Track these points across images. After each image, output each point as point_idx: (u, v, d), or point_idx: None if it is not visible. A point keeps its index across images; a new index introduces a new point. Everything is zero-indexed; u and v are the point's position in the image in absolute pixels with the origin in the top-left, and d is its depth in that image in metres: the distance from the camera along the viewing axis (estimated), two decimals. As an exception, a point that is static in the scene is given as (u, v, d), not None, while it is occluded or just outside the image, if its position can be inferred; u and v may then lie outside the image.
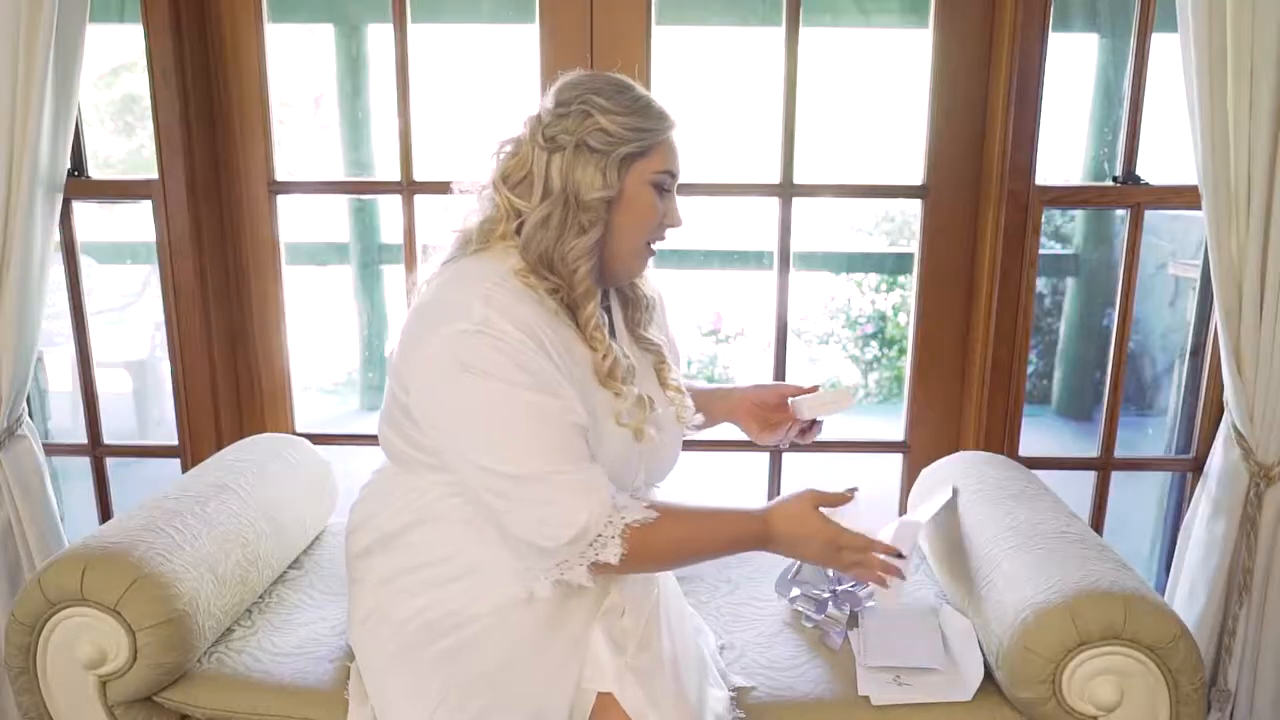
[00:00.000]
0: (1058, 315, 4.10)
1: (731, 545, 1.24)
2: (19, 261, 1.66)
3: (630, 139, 1.20)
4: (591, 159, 1.19)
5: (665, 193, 1.25)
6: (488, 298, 1.15)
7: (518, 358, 1.13)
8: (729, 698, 1.31)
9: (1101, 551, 1.41)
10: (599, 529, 1.13)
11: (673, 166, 1.25)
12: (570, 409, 1.15)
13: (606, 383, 1.22)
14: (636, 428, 1.23)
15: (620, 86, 1.23)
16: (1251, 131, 1.55)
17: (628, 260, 1.27)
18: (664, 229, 1.28)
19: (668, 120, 1.24)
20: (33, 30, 1.57)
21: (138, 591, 1.30)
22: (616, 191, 1.21)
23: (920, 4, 1.89)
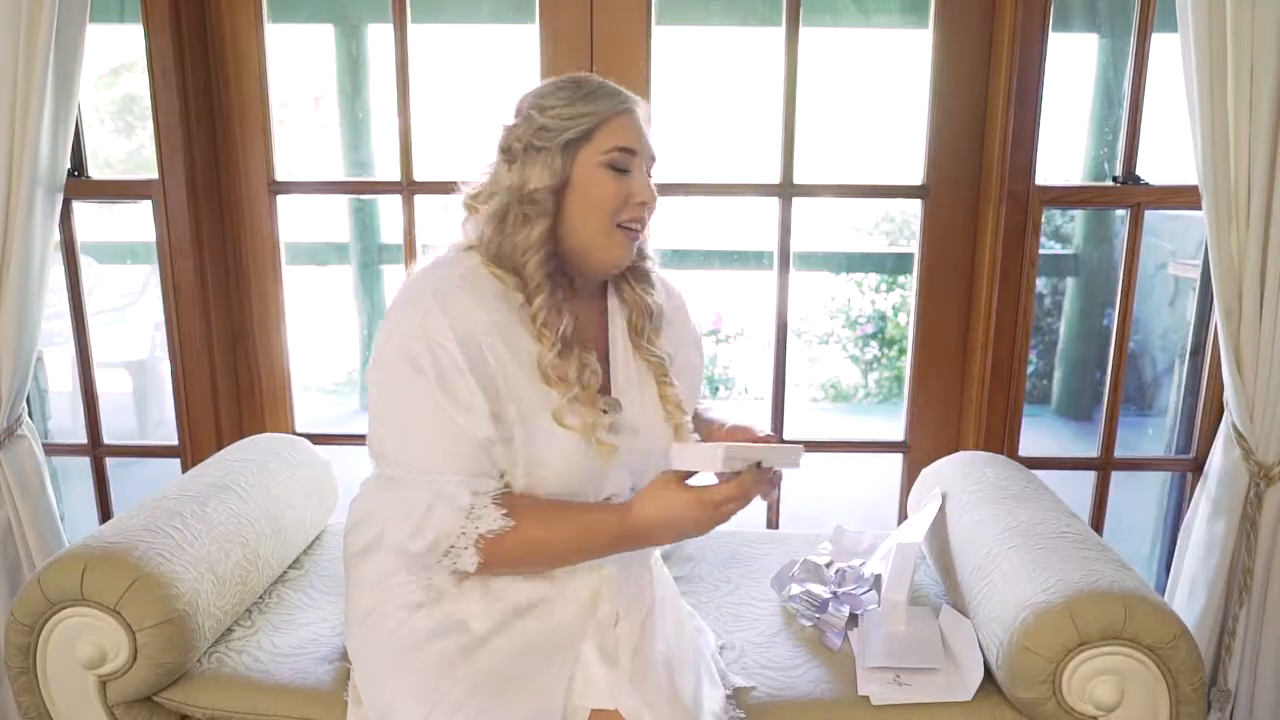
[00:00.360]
0: (1058, 315, 4.10)
1: (598, 546, 1.21)
2: (19, 262, 1.66)
3: (569, 126, 1.20)
4: (539, 156, 1.21)
5: (624, 171, 1.23)
6: (438, 290, 1.18)
7: (439, 357, 1.15)
8: (725, 697, 1.31)
9: (1101, 551, 1.41)
10: (450, 540, 1.16)
11: (627, 142, 1.22)
12: (474, 421, 1.16)
13: (547, 378, 1.21)
14: (585, 430, 1.20)
15: (564, 84, 1.24)
16: (1251, 131, 1.55)
17: (599, 245, 1.24)
18: (635, 207, 1.24)
19: (615, 100, 1.23)
20: (33, 30, 1.57)
21: (138, 591, 1.30)
22: (563, 180, 1.21)
23: (920, 4, 1.89)
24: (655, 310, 1.34)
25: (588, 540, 1.21)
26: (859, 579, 1.59)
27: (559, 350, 1.20)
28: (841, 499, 3.31)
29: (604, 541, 1.21)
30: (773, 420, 2.03)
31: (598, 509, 1.22)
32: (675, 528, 1.17)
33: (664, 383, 1.32)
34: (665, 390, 1.32)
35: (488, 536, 1.16)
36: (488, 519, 1.16)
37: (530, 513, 1.19)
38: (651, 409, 1.31)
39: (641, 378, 1.32)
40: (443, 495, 1.16)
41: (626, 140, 1.22)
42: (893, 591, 1.49)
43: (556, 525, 1.20)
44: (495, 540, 1.16)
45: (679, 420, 1.31)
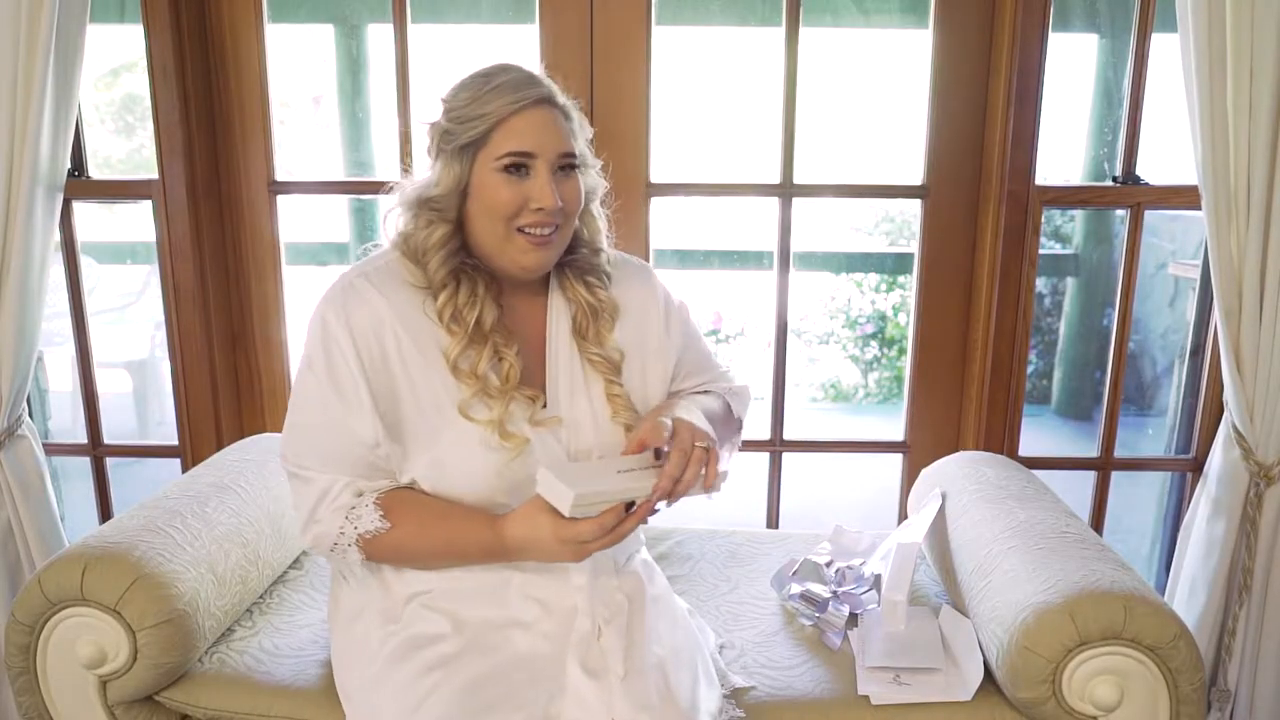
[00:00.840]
0: (1058, 315, 4.10)
1: (470, 554, 1.21)
2: (19, 262, 1.66)
3: (465, 130, 1.17)
4: (444, 158, 1.20)
5: (520, 176, 1.18)
6: (349, 284, 1.21)
7: (331, 352, 1.18)
8: (724, 697, 1.30)
9: (1101, 551, 1.41)
10: (333, 539, 1.20)
11: (520, 146, 1.17)
12: (359, 420, 1.18)
13: (456, 372, 1.20)
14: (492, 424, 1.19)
15: (472, 80, 1.20)
16: (1251, 131, 1.55)
17: (500, 250, 1.21)
18: (533, 213, 1.18)
19: (512, 98, 1.16)
20: (33, 30, 1.57)
21: (138, 591, 1.30)
22: (463, 184, 1.19)
23: (920, 4, 1.89)
24: (602, 308, 1.30)
25: (458, 547, 1.21)
26: (859, 579, 1.59)
27: (465, 344, 1.20)
28: (841, 499, 3.31)
29: (475, 551, 1.20)
30: (773, 420, 2.03)
31: (473, 518, 1.20)
32: (541, 553, 1.15)
33: (610, 381, 1.29)
34: (611, 389, 1.29)
35: (365, 536, 1.19)
36: (365, 520, 1.19)
37: (407, 515, 1.20)
38: (595, 407, 1.28)
39: (585, 376, 1.29)
40: (327, 494, 1.20)
41: (520, 144, 1.17)
42: (893, 591, 1.49)
43: (429, 529, 1.20)
44: (371, 541, 1.19)
45: (628, 420, 1.28)
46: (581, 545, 1.12)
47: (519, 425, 1.21)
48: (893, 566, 1.53)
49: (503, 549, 1.18)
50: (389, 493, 1.22)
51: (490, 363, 1.21)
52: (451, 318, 1.20)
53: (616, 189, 1.88)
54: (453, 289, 1.21)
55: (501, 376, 1.21)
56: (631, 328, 1.34)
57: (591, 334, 1.29)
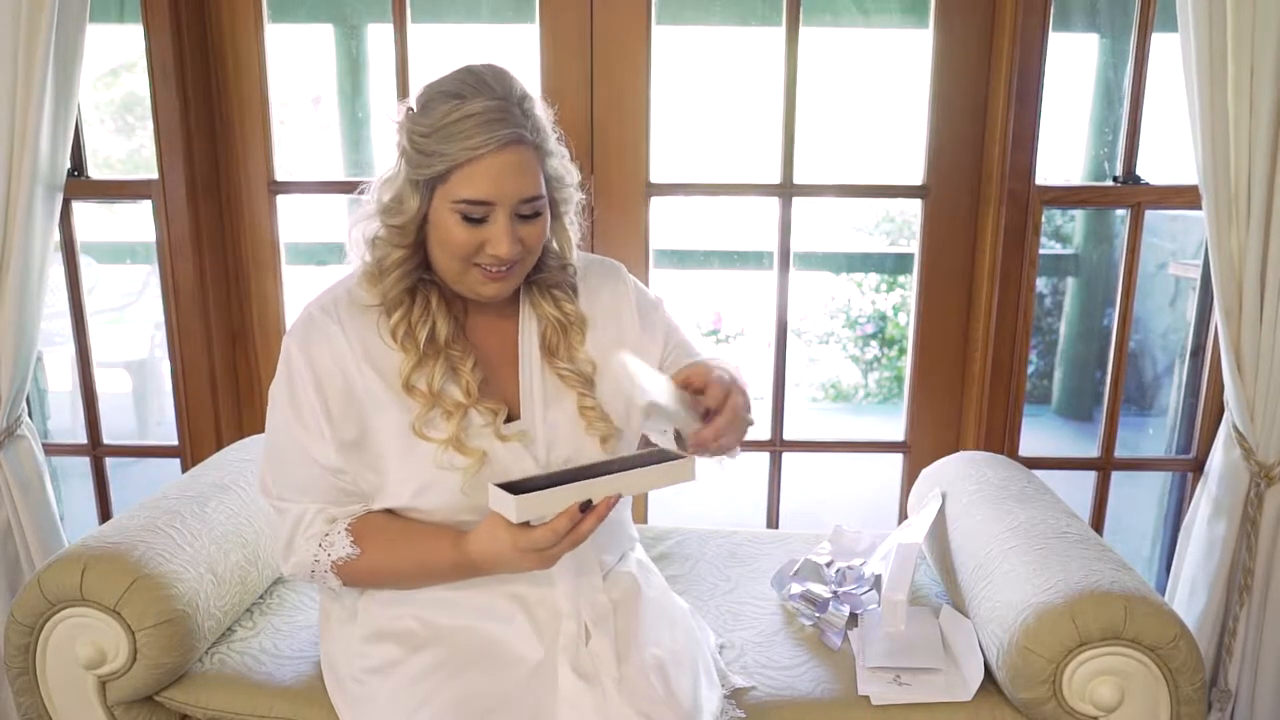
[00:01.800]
0: (1058, 315, 4.10)
1: (440, 574, 1.21)
2: (19, 261, 1.66)
3: (425, 164, 1.12)
4: (406, 182, 1.15)
5: (476, 221, 1.13)
6: (309, 317, 1.22)
7: (294, 382, 1.20)
8: (724, 697, 1.30)
9: (1102, 552, 1.41)
10: (309, 566, 1.22)
11: (477, 194, 1.11)
12: (324, 452, 1.19)
13: (407, 388, 1.19)
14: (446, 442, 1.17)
15: (443, 96, 1.12)
16: (1252, 131, 1.55)
17: (457, 280, 1.19)
18: (489, 257, 1.15)
19: (479, 139, 1.09)
20: (33, 30, 1.57)
21: (137, 591, 1.30)
22: (420, 215, 1.15)
23: (920, 4, 1.89)
24: (570, 322, 1.28)
25: (429, 568, 1.21)
26: (859, 579, 1.59)
27: (417, 361, 1.19)
28: (841, 499, 3.31)
29: (445, 570, 1.20)
30: (773, 420, 2.03)
31: (438, 537, 1.19)
32: (506, 564, 1.14)
33: (583, 394, 1.27)
34: (584, 402, 1.26)
35: (338, 563, 1.20)
36: (338, 546, 1.20)
37: (376, 540, 1.21)
38: (567, 421, 1.25)
39: (556, 390, 1.26)
40: (300, 523, 1.22)
41: (480, 191, 1.11)
42: (893, 591, 1.48)
43: (398, 552, 1.21)
44: (345, 566, 1.21)
45: (605, 432, 1.26)
46: (542, 552, 1.09)
47: (483, 440, 1.20)
48: (893, 567, 1.52)
49: (470, 565, 1.17)
50: (360, 519, 1.23)
51: (445, 377, 1.20)
52: (404, 335, 1.20)
53: (616, 189, 1.89)
54: (406, 307, 1.20)
55: (462, 390, 1.20)
56: (606, 331, 1.32)
57: (562, 350, 1.27)
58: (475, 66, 1.16)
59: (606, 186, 1.88)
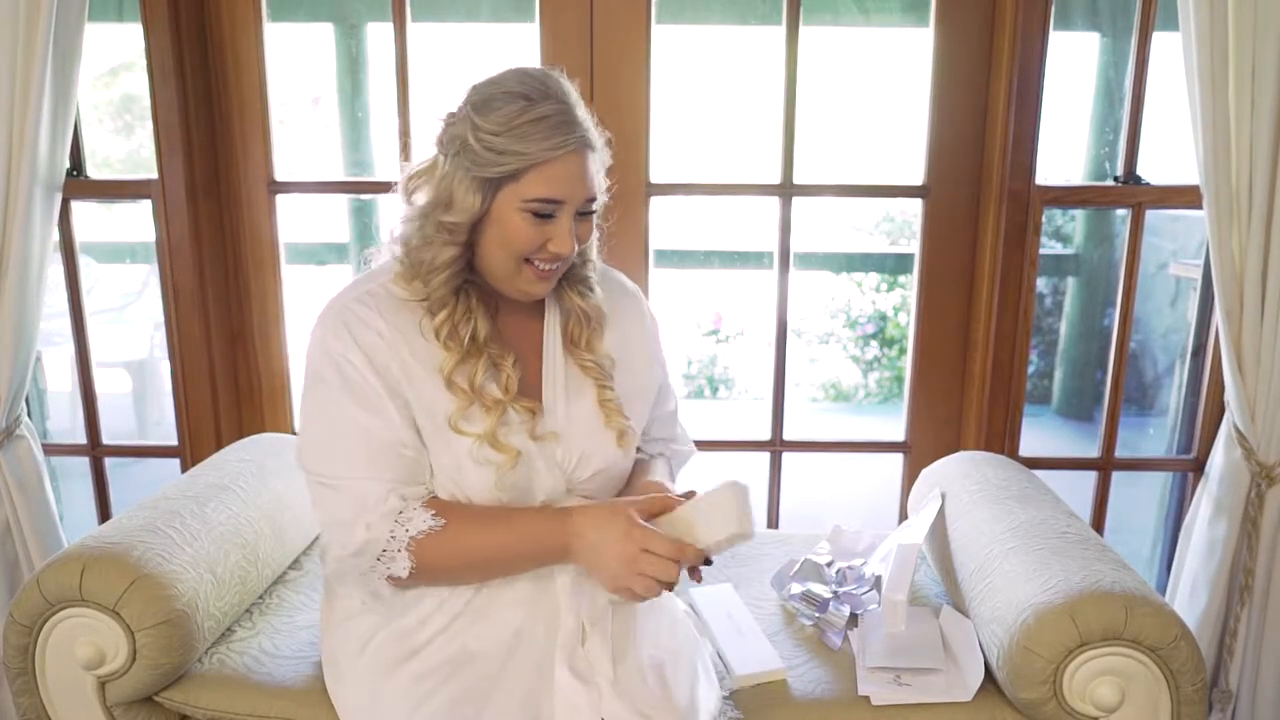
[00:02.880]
0: (1058, 315, 4.10)
1: (530, 554, 1.19)
2: (18, 261, 1.66)
3: (496, 162, 1.13)
4: (465, 174, 1.15)
5: (544, 219, 1.16)
6: (345, 307, 1.20)
7: (345, 371, 1.17)
8: (724, 697, 1.30)
9: (1102, 552, 1.41)
10: (382, 545, 1.16)
11: (554, 193, 1.14)
12: (390, 428, 1.17)
13: (450, 386, 1.20)
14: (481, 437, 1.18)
15: (511, 98, 1.13)
16: (1253, 131, 1.55)
17: (506, 278, 1.21)
18: (548, 254, 1.19)
19: (556, 140, 1.13)
20: (32, 30, 1.57)
21: (137, 592, 1.30)
22: (480, 213, 1.16)
23: (920, 3, 1.89)
24: (592, 314, 1.30)
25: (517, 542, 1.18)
26: (859, 579, 1.59)
27: (460, 359, 1.20)
28: (841, 499, 3.31)
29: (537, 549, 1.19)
30: (773, 420, 2.03)
31: (538, 516, 1.19)
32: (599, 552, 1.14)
33: (603, 387, 1.29)
34: (604, 395, 1.29)
35: (418, 538, 1.16)
36: (417, 520, 1.17)
37: (461, 513, 1.19)
38: (586, 414, 1.28)
39: (577, 383, 1.29)
40: (369, 499, 1.17)
41: (554, 191, 1.15)
42: (893, 591, 1.48)
43: (485, 525, 1.19)
44: (425, 541, 1.16)
45: (620, 426, 1.28)
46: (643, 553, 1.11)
47: (517, 438, 1.21)
48: (893, 567, 1.52)
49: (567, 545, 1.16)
50: (434, 497, 1.22)
51: (486, 375, 1.21)
52: (448, 334, 1.20)
53: (616, 189, 1.89)
54: (451, 307, 1.21)
55: (501, 387, 1.21)
56: (618, 336, 1.35)
57: (584, 341, 1.30)
58: (528, 68, 1.19)
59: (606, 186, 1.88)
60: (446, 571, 1.21)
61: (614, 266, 1.46)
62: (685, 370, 4.74)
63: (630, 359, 1.35)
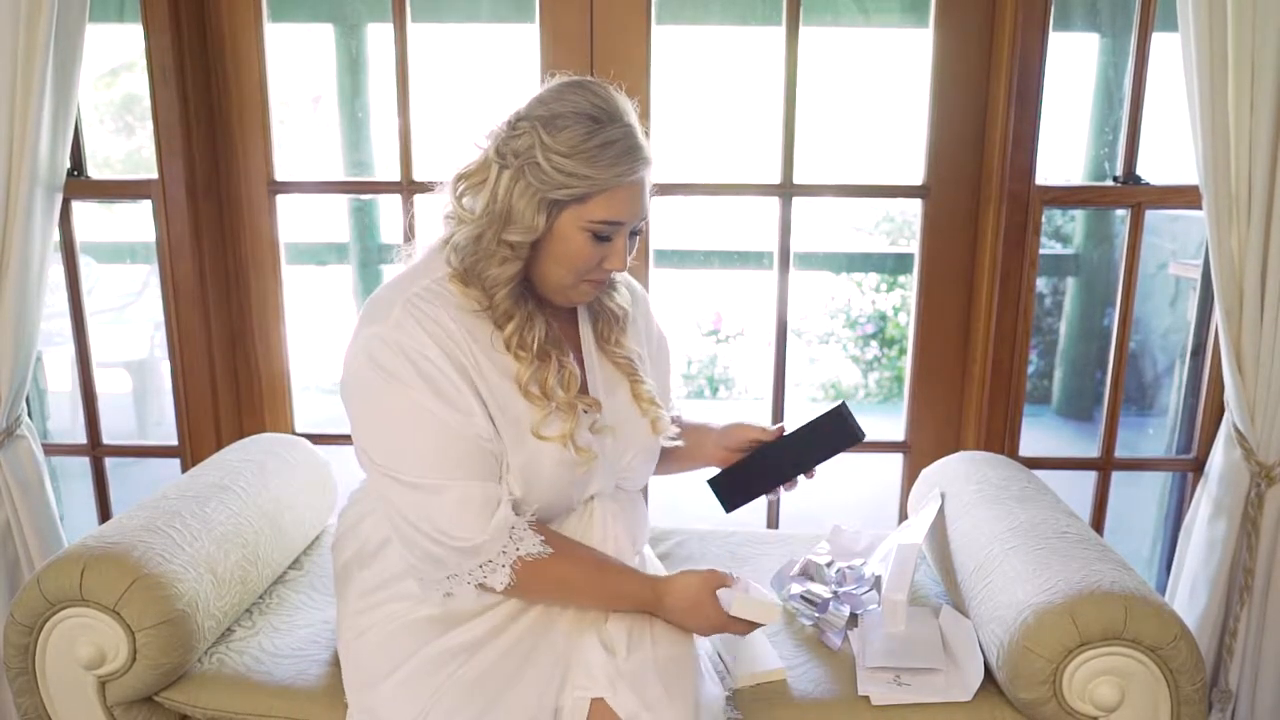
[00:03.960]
0: (1058, 315, 4.11)
1: (618, 601, 1.25)
2: (18, 261, 1.66)
3: (564, 184, 1.14)
4: (527, 191, 1.15)
5: (604, 240, 1.18)
6: (410, 303, 1.17)
7: (422, 366, 1.15)
8: (725, 697, 1.31)
9: (1102, 552, 1.41)
10: (493, 553, 1.16)
11: (618, 216, 1.17)
12: (472, 423, 1.16)
13: (527, 394, 1.20)
14: (563, 438, 1.20)
15: (580, 119, 1.14)
16: (1253, 131, 1.55)
17: (560, 291, 1.23)
18: (603, 271, 1.22)
19: (622, 168, 1.14)
20: (32, 30, 1.57)
21: (137, 592, 1.30)
22: (543, 232, 1.17)
23: (920, 4, 1.89)
24: (619, 313, 1.35)
25: (615, 596, 1.24)
26: (859, 579, 1.59)
27: (536, 366, 1.21)
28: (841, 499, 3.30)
29: (628, 603, 1.25)
30: (773, 420, 2.03)
31: (634, 575, 1.26)
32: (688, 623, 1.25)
33: (636, 380, 1.34)
34: (638, 388, 1.34)
35: (525, 559, 1.17)
36: (528, 542, 1.17)
37: (565, 547, 1.22)
38: (626, 407, 1.33)
39: (614, 378, 1.34)
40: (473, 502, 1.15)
41: (619, 214, 1.17)
42: (893, 591, 1.48)
43: (589, 570, 1.23)
44: (530, 565, 1.17)
45: (655, 415, 1.34)
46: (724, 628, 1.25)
47: (582, 436, 1.24)
48: (893, 567, 1.52)
49: (652, 608, 1.25)
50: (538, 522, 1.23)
51: (556, 378, 1.23)
52: (518, 345, 1.21)
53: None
54: (518, 319, 1.21)
55: (564, 385, 1.23)
56: (636, 333, 1.41)
57: (613, 338, 1.34)
58: (589, 84, 1.18)
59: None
60: (534, 594, 1.23)
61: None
62: (685, 370, 4.74)
63: (649, 354, 1.41)
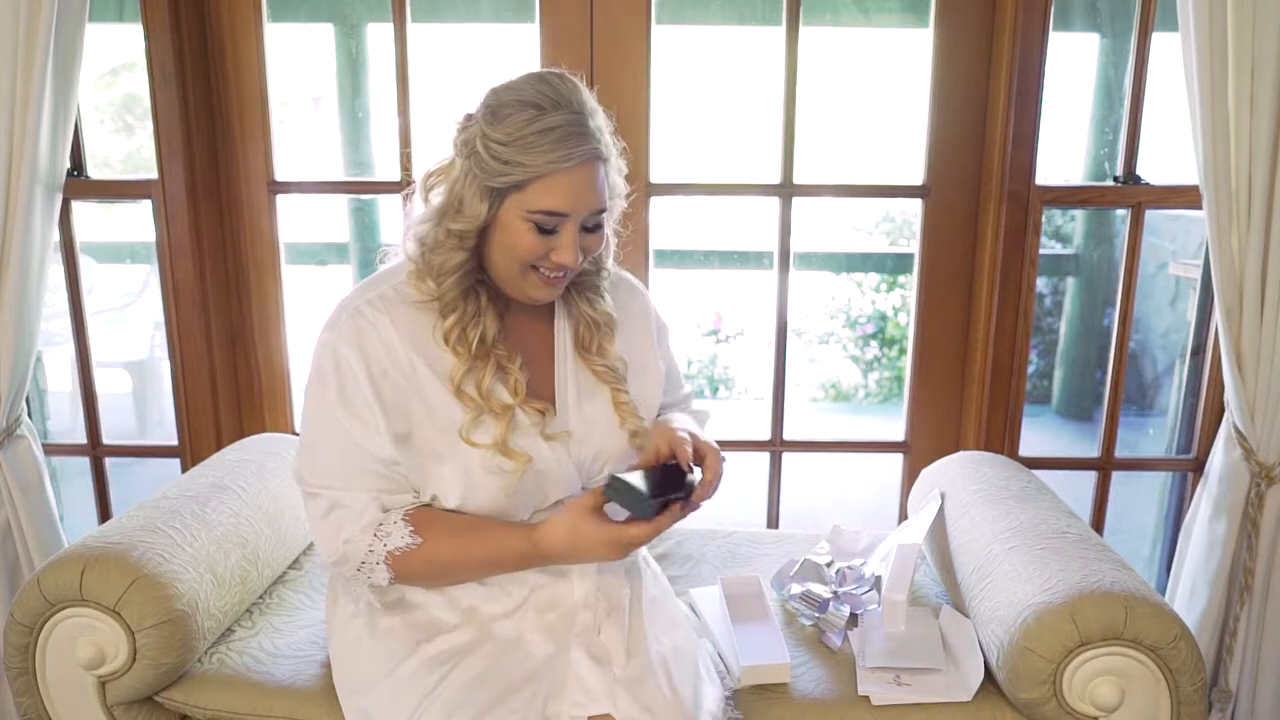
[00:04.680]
0: (1058, 315, 4.11)
1: (501, 566, 1.22)
2: (18, 261, 1.66)
3: (502, 172, 1.12)
4: (474, 180, 1.15)
5: (548, 231, 1.15)
6: (357, 310, 1.20)
7: (343, 374, 1.18)
8: (725, 697, 1.31)
9: (1102, 552, 1.41)
10: (361, 557, 1.19)
11: (557, 206, 1.13)
12: (374, 440, 1.18)
13: (458, 393, 1.20)
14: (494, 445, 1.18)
15: (523, 105, 1.12)
16: (1252, 131, 1.55)
17: (512, 284, 1.21)
18: (552, 264, 1.18)
19: (560, 154, 1.11)
20: (32, 30, 1.57)
21: (137, 592, 1.30)
22: (486, 220, 1.16)
23: (920, 4, 1.89)
24: (602, 320, 1.31)
25: (494, 560, 1.22)
26: (859, 579, 1.59)
27: (469, 364, 1.20)
28: (841, 499, 3.31)
29: (512, 562, 1.21)
30: (773, 420, 2.03)
31: (507, 530, 1.21)
32: (584, 556, 1.18)
33: (617, 390, 1.30)
34: (619, 397, 1.30)
35: (394, 553, 1.19)
36: (395, 536, 1.19)
37: (438, 530, 1.20)
38: (602, 416, 1.28)
39: (590, 386, 1.29)
40: (349, 510, 1.19)
41: (559, 204, 1.14)
42: (893, 591, 1.48)
43: (463, 544, 1.20)
44: (402, 557, 1.19)
45: (635, 426, 1.29)
46: (629, 546, 1.15)
47: (528, 440, 1.21)
48: (893, 567, 1.52)
49: (540, 556, 1.19)
50: (417, 509, 1.22)
51: (495, 378, 1.21)
52: (457, 339, 1.20)
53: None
54: (461, 311, 1.21)
55: (510, 389, 1.22)
56: (627, 338, 1.36)
57: (595, 346, 1.30)
58: (545, 74, 1.17)
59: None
60: (425, 580, 1.24)
61: (614, 267, 1.46)
62: (685, 370, 4.73)
63: (640, 361, 1.36)
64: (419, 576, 1.23)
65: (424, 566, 1.20)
